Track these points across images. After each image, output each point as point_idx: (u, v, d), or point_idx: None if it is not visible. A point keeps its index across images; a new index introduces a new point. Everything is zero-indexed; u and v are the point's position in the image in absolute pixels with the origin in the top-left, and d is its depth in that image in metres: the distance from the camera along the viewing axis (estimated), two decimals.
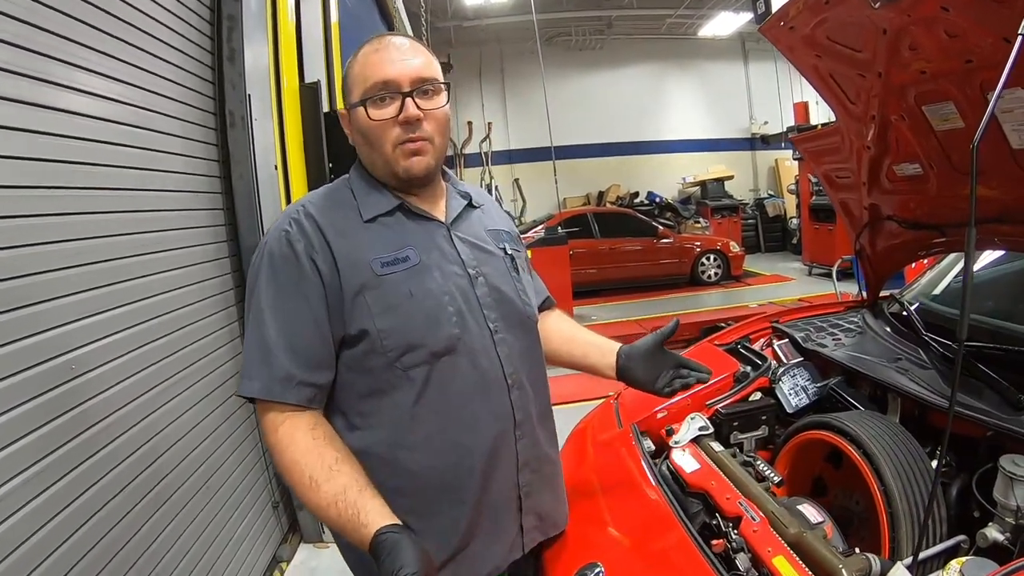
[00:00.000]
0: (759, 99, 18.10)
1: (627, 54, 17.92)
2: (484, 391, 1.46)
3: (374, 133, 1.40)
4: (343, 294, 1.35)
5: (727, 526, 1.71)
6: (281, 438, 1.31)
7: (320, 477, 1.26)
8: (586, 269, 12.02)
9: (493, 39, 17.12)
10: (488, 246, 1.57)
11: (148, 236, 2.63)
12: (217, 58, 3.41)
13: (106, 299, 2.30)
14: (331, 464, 1.28)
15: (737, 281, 12.90)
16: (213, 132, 3.38)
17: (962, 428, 1.89)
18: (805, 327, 2.86)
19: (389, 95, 1.37)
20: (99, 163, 2.34)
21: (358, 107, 1.40)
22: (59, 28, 2.12)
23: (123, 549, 2.22)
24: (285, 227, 1.37)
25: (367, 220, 1.43)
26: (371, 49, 1.41)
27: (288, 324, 1.33)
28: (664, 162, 18.28)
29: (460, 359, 1.42)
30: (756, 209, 17.45)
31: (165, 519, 2.52)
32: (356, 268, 1.36)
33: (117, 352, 2.33)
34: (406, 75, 1.38)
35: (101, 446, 2.17)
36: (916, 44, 1.86)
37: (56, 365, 1.99)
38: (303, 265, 1.34)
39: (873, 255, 2.90)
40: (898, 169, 2.40)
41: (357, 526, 1.22)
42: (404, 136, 1.39)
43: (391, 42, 1.43)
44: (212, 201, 3.31)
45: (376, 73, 1.37)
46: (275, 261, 1.36)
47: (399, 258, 1.40)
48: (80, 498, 2.03)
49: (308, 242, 1.35)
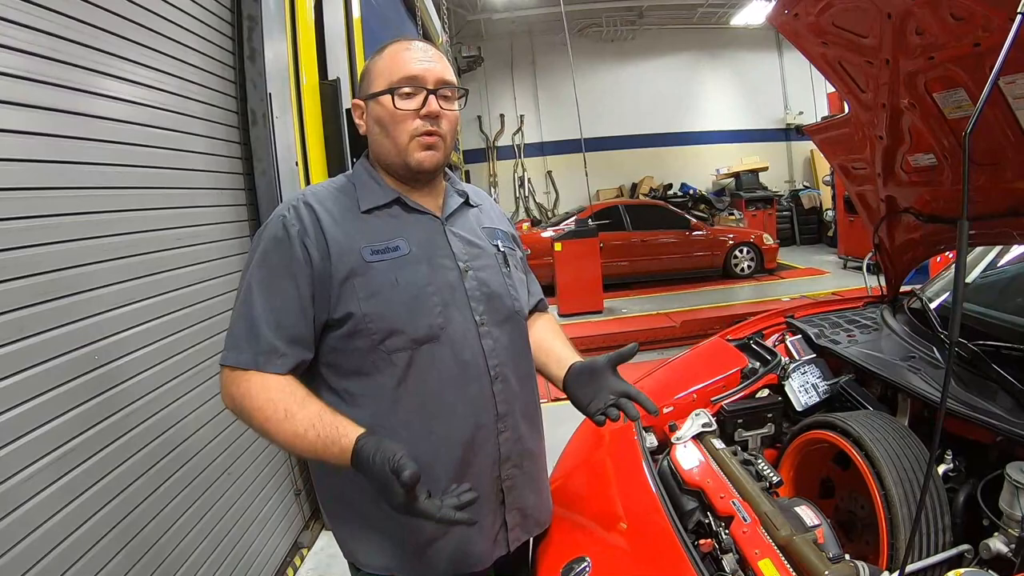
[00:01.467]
0: (794, 89, 17.75)
1: (659, 44, 17.75)
2: (465, 381, 1.49)
3: (394, 121, 1.46)
4: (331, 280, 1.41)
5: (718, 525, 1.69)
6: (251, 387, 1.38)
7: (294, 408, 1.35)
8: (617, 261, 11.93)
9: (524, 31, 17.08)
10: (481, 243, 1.62)
11: (175, 232, 2.74)
12: (238, 58, 3.49)
13: (135, 292, 2.42)
14: (303, 397, 1.38)
15: (770, 274, 12.66)
16: (236, 130, 3.45)
17: (972, 432, 1.81)
18: (820, 323, 2.78)
19: (415, 89, 1.45)
20: (129, 164, 2.46)
21: (382, 96, 1.46)
22: (91, 40, 2.25)
23: (144, 529, 2.31)
24: (284, 212, 1.45)
25: (364, 211, 1.49)
26: (400, 47, 1.49)
27: (275, 301, 1.40)
28: (697, 153, 18.07)
29: (442, 348, 1.47)
30: (791, 201, 17.12)
31: (187, 502, 2.61)
32: (346, 255, 1.42)
33: (144, 341, 2.45)
34: (432, 75, 1.47)
35: (126, 431, 2.28)
36: (922, 28, 1.79)
37: (84, 354, 2.10)
38: (295, 248, 1.40)
39: (892, 249, 2.81)
40: (913, 160, 2.31)
41: (337, 438, 1.30)
42: (423, 128, 1.46)
43: (418, 44, 1.51)
44: (235, 197, 3.38)
45: (405, 68, 1.45)
46: (269, 243, 1.43)
47: (389, 247, 1.46)
48: (103, 480, 2.12)
49: (303, 227, 1.42)
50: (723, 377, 2.46)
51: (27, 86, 1.94)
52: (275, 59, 3.55)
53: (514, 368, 1.59)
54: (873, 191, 2.65)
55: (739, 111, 18.29)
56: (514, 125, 18.00)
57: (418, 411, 1.46)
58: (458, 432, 1.48)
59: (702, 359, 2.78)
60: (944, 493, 1.67)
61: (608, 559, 1.64)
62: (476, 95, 17.68)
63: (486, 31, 16.76)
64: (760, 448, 2.30)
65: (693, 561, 1.49)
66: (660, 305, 10.25)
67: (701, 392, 2.40)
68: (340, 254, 1.42)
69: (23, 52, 1.93)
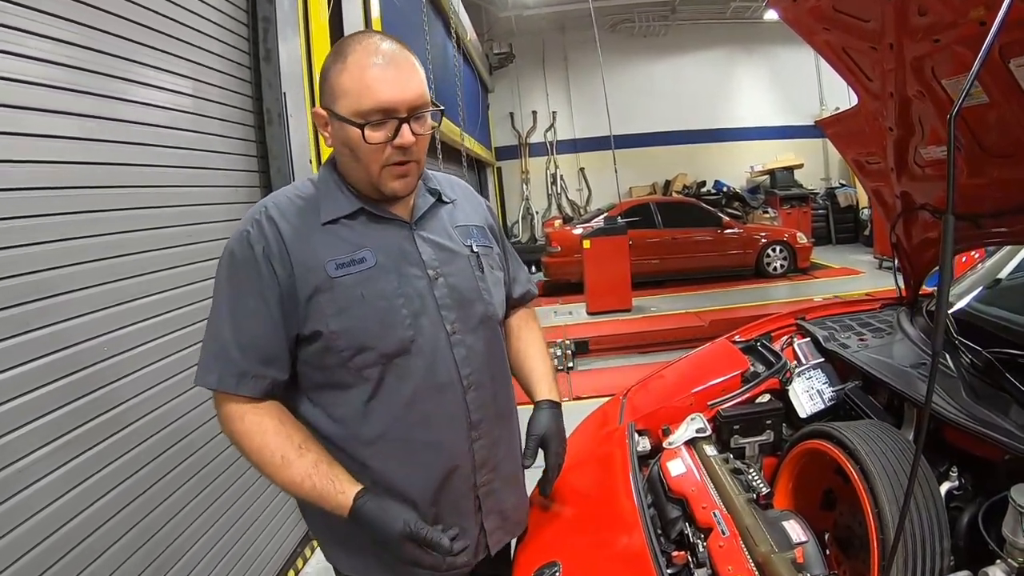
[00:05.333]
0: (829, 84, 17.31)
1: (692, 40, 17.54)
2: (437, 392, 1.46)
3: (364, 152, 1.37)
4: (298, 296, 1.38)
5: (696, 536, 1.62)
6: (248, 426, 1.38)
7: (291, 455, 1.35)
8: (648, 259, 11.80)
9: (555, 28, 17.01)
10: (453, 245, 1.55)
11: (192, 228, 2.84)
12: (254, 58, 3.57)
13: (151, 285, 2.54)
14: (299, 444, 1.37)
15: (804, 274, 12.44)
16: (252, 129, 3.53)
17: (981, 448, 1.68)
18: (832, 325, 2.66)
19: (386, 117, 1.34)
20: (151, 164, 2.58)
21: (347, 123, 1.34)
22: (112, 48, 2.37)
23: (146, 518, 2.38)
24: (247, 228, 1.39)
25: (326, 222, 1.42)
26: (366, 61, 1.33)
27: (243, 322, 1.37)
28: (731, 150, 17.84)
29: (413, 360, 1.44)
30: (827, 199, 16.84)
31: (189, 495, 2.66)
32: (311, 272, 1.38)
33: (158, 333, 2.55)
34: (405, 101, 1.34)
35: (127, 423, 2.34)
36: (924, 8, 1.66)
37: (92, 346, 2.19)
38: (260, 267, 1.36)
39: (910, 248, 2.66)
40: (925, 152, 2.17)
41: (334, 493, 1.34)
42: (395, 158, 1.38)
43: (388, 56, 1.35)
44: (251, 195, 3.44)
45: (374, 96, 1.32)
46: (235, 261, 1.39)
47: (355, 259, 1.40)
48: (103, 470, 2.19)
49: (267, 244, 1.37)
50: (722, 380, 2.37)
51: (48, 92, 2.04)
52: (289, 59, 3.63)
53: (489, 374, 1.56)
54: (888, 187, 2.51)
55: (774, 107, 17.99)
56: (546, 122, 17.96)
57: (392, 424, 1.44)
58: (433, 444, 1.47)
59: (704, 361, 2.68)
60: (945, 514, 1.54)
61: (579, 566, 1.59)
62: (508, 92, 17.82)
63: (517, 28, 16.68)
64: (759, 456, 2.19)
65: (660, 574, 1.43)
66: (690, 304, 10.13)
67: (699, 395, 2.31)
68: (304, 271, 1.37)
69: (43, 61, 2.03)
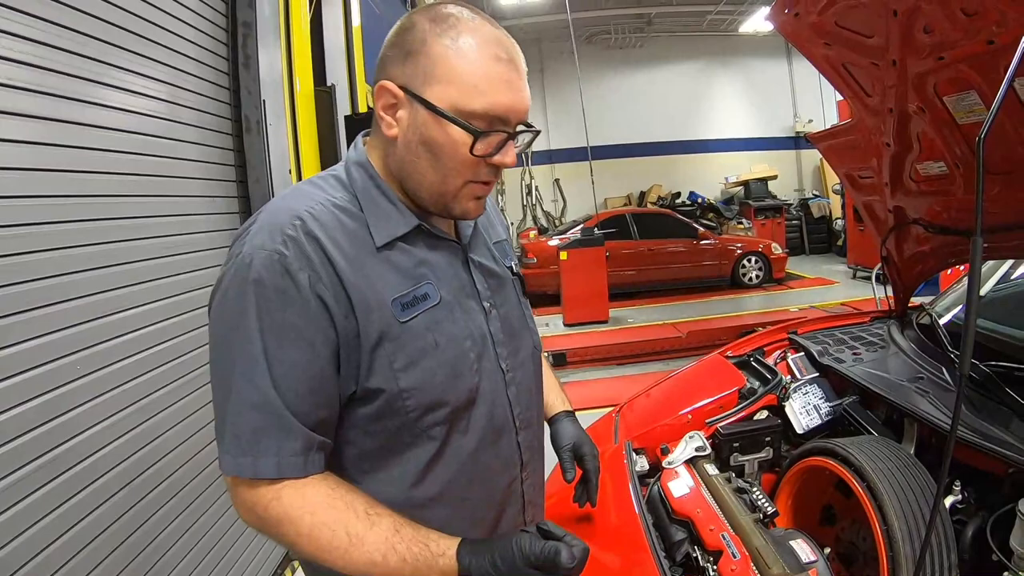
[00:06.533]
0: (803, 96, 17.61)
1: (668, 52, 17.66)
2: (495, 440, 1.25)
3: (455, 160, 1.08)
4: (360, 343, 1.07)
5: (706, 560, 1.59)
6: (288, 509, 1.03)
7: (359, 528, 1.02)
8: (624, 270, 11.82)
9: (532, 39, 16.99)
10: (498, 269, 1.34)
11: (167, 240, 2.72)
12: (233, 64, 3.45)
13: (125, 300, 2.41)
14: (366, 510, 1.04)
15: (779, 284, 12.52)
16: (230, 137, 3.41)
17: (983, 462, 1.68)
18: (824, 339, 2.66)
19: (492, 130, 1.07)
20: (122, 172, 2.45)
21: (451, 121, 1.05)
22: (84, 49, 2.24)
23: (126, 541, 2.28)
24: (278, 247, 1.02)
25: (381, 246, 1.11)
26: (488, 50, 1.06)
27: (293, 379, 1.02)
28: (706, 161, 17.95)
29: (476, 410, 1.20)
30: (800, 210, 17.02)
31: (174, 511, 2.59)
32: (374, 311, 1.07)
33: (134, 350, 2.43)
34: (521, 111, 1.09)
35: (111, 439, 2.25)
36: (931, 26, 1.67)
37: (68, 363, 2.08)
38: (308, 302, 1.02)
39: (900, 262, 2.67)
40: (922, 168, 2.18)
41: (433, 558, 1.02)
42: (484, 177, 1.13)
43: (509, 51, 1.08)
44: (228, 205, 3.34)
45: (492, 98, 1.05)
46: (265, 293, 1.01)
47: (418, 296, 1.12)
48: (89, 487, 2.11)
49: (313, 272, 1.03)
50: (720, 397, 2.35)
51: (16, 95, 1.92)
52: (270, 66, 3.53)
53: (536, 410, 1.39)
54: (880, 201, 2.52)
55: (748, 119, 18.18)
56: None
57: (450, 483, 1.18)
58: (492, 495, 1.27)
59: (699, 377, 2.66)
60: (951, 528, 1.55)
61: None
62: None
63: None
64: (758, 473, 2.18)
65: None
66: (667, 315, 10.13)
67: (696, 413, 2.29)
68: (366, 311, 1.06)
69: (12, 61, 1.90)
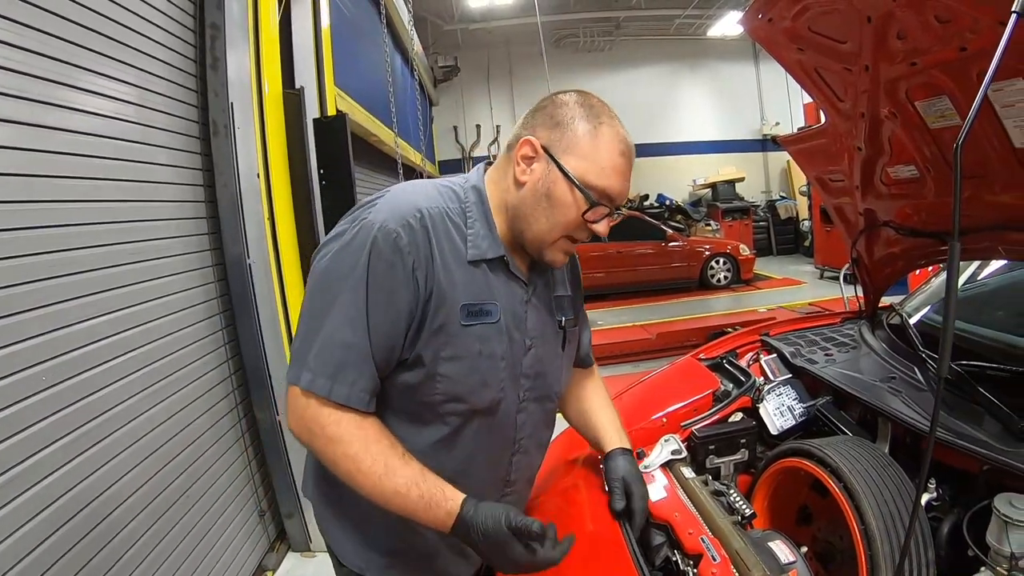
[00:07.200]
0: (770, 100, 17.91)
1: (636, 55, 17.83)
2: (493, 451, 1.49)
3: (567, 218, 1.34)
4: (425, 323, 1.29)
5: (686, 564, 1.58)
6: (344, 433, 1.26)
7: (396, 463, 1.26)
8: (593, 272, 11.85)
9: (501, 42, 17.06)
10: (550, 318, 1.54)
11: (134, 246, 2.69)
12: (200, 66, 3.42)
13: (93, 307, 2.37)
14: (403, 453, 1.29)
15: (747, 285, 12.69)
16: (197, 141, 3.37)
17: (957, 459, 1.71)
18: (796, 341, 2.69)
19: (600, 203, 1.33)
20: (88, 176, 2.41)
21: (575, 187, 1.31)
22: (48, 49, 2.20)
23: (101, 552, 2.26)
24: (398, 228, 1.25)
25: (470, 261, 1.34)
26: (618, 145, 1.35)
27: (381, 333, 1.26)
28: (674, 164, 18.12)
29: (490, 420, 1.43)
30: (768, 211, 17.26)
31: (143, 526, 2.55)
32: (444, 306, 1.30)
33: (101, 359, 2.39)
34: (625, 196, 1.38)
35: (82, 450, 2.23)
36: (904, 32, 1.68)
37: (33, 373, 2.04)
38: (409, 280, 1.25)
39: (871, 264, 2.71)
40: (892, 172, 2.21)
41: (443, 501, 1.25)
42: (580, 236, 1.38)
43: (631, 152, 1.37)
44: (196, 210, 3.30)
45: (610, 180, 1.33)
46: (381, 260, 1.24)
47: (483, 310, 1.35)
48: (52, 505, 2.06)
49: (418, 258, 1.26)
50: (694, 400, 2.35)
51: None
52: (238, 68, 3.47)
53: (536, 441, 1.58)
54: (851, 204, 2.55)
55: (716, 122, 18.42)
56: (490, 135, 17.96)
57: (448, 466, 1.37)
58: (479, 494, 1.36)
59: (673, 380, 2.67)
60: (928, 526, 1.57)
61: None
62: (453, 105, 17.80)
63: (463, 41, 16.68)
64: (734, 475, 2.19)
65: None
66: (636, 317, 10.18)
67: (671, 416, 2.29)
68: (440, 302, 1.29)
69: None
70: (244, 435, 3.51)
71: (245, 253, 3.41)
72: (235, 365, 3.48)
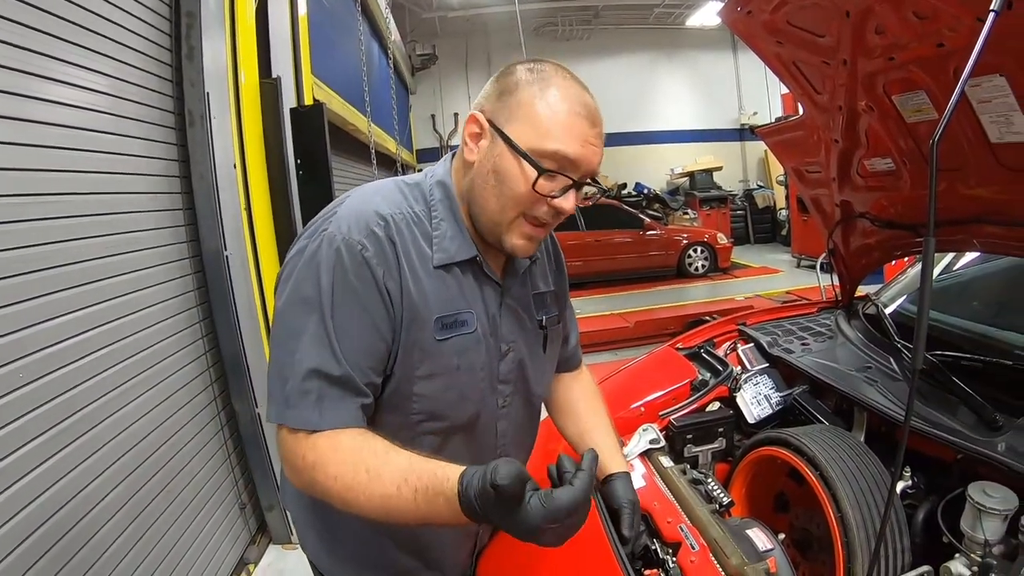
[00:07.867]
0: (748, 89, 17.99)
1: (614, 44, 17.82)
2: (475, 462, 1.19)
3: (516, 192, 1.17)
4: (400, 339, 1.18)
5: (665, 552, 1.59)
6: (321, 455, 1.10)
7: (377, 464, 1.06)
8: (571, 261, 11.42)
9: (479, 30, 16.96)
10: (528, 318, 1.41)
11: (109, 239, 2.63)
12: (176, 55, 3.34)
13: (68, 303, 2.32)
14: (385, 449, 1.09)
15: (725, 273, 12.77)
16: (173, 131, 3.31)
17: (932, 448, 1.74)
18: (773, 330, 2.71)
19: (558, 174, 1.15)
20: (61, 169, 2.35)
21: (521, 156, 1.15)
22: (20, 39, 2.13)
23: (82, 550, 2.24)
24: (363, 239, 1.15)
25: (437, 266, 1.22)
26: (571, 105, 1.16)
27: (356, 351, 1.14)
28: (652, 153, 18.17)
29: (469, 433, 1.35)
30: (745, 200, 17.37)
31: (124, 521, 2.52)
32: (416, 321, 1.19)
33: (80, 353, 2.35)
34: (589, 164, 1.18)
35: (60, 447, 2.19)
36: (882, 27, 1.70)
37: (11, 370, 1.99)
38: (380, 292, 1.15)
39: (847, 254, 2.74)
40: (869, 164, 2.24)
41: (439, 486, 1.00)
42: (541, 216, 1.20)
43: (592, 113, 1.19)
44: (172, 201, 3.25)
45: (564, 142, 1.14)
46: (347, 273, 1.13)
47: (458, 321, 1.24)
48: (34, 503, 2.04)
49: (387, 270, 1.15)
50: (672, 390, 2.37)
51: None
52: (214, 57, 3.41)
53: (516, 446, 1.48)
54: (828, 195, 2.57)
55: (694, 111, 18.48)
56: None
57: None
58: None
59: (650, 370, 2.69)
60: (903, 513, 1.61)
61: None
62: (430, 93, 17.69)
63: (441, 29, 16.59)
64: (711, 463, 2.21)
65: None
66: (614, 305, 10.21)
67: (649, 406, 2.31)
68: (412, 317, 1.18)
69: None
70: (223, 428, 3.49)
71: (222, 245, 3.36)
72: (213, 358, 3.44)
